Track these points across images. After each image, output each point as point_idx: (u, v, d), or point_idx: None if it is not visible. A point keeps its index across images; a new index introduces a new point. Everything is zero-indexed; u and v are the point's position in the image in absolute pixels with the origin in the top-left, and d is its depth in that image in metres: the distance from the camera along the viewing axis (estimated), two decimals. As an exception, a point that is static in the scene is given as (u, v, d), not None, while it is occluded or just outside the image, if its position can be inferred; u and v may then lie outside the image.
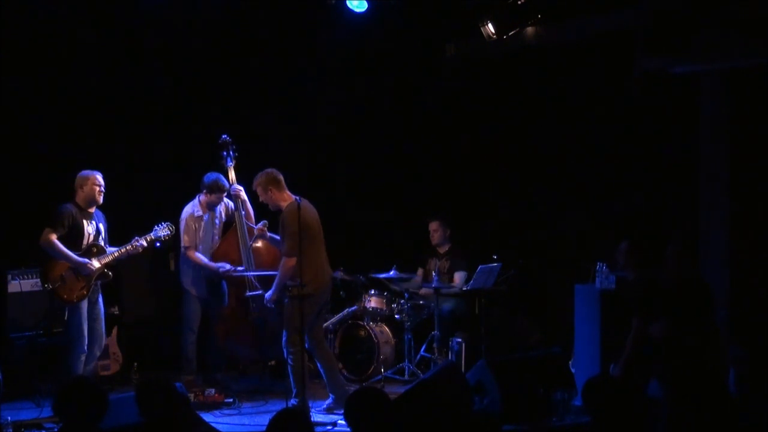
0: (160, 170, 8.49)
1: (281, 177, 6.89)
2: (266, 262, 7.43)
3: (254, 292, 7.45)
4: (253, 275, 7.45)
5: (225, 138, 7.64)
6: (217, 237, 7.68)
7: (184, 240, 7.53)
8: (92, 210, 7.02)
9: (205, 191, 7.53)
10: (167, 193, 8.11)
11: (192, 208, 7.58)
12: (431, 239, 8.61)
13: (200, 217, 7.58)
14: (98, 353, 7.20)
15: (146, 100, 8.41)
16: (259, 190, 6.92)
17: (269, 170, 6.90)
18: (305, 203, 6.80)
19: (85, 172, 6.98)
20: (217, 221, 7.69)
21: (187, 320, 7.62)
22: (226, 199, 7.65)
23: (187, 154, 8.49)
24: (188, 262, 7.58)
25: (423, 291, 8.35)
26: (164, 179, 8.41)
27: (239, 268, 7.46)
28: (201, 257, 7.54)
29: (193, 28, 8.27)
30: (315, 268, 6.78)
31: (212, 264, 7.51)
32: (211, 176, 7.51)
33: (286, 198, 6.83)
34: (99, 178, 6.98)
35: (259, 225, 7.25)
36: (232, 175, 7.63)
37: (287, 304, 6.73)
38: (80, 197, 6.95)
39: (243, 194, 7.56)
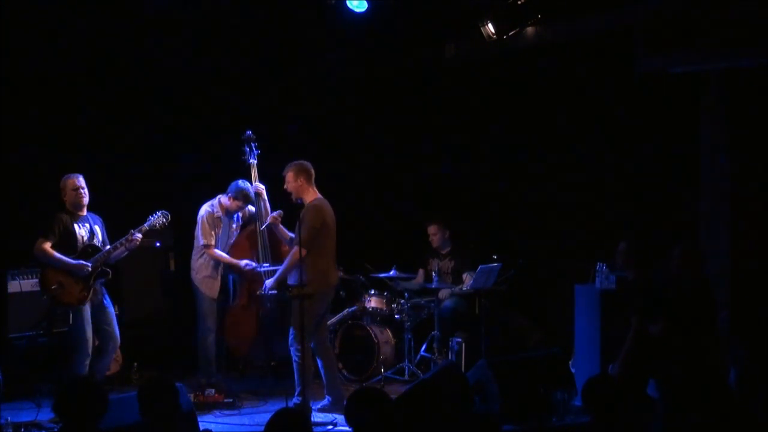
0: (169, 169, 8.50)
1: (313, 172, 6.90)
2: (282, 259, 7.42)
3: (270, 291, 7.42)
4: (272, 272, 7.45)
5: (249, 134, 7.62)
6: (231, 239, 7.67)
7: (206, 239, 7.46)
8: (82, 213, 6.99)
9: (230, 196, 7.48)
10: (183, 193, 8.12)
11: (211, 208, 7.53)
12: (431, 242, 8.60)
13: (219, 218, 7.55)
14: (113, 352, 7.21)
15: (150, 101, 8.42)
16: (289, 176, 6.87)
17: (304, 162, 6.91)
18: (327, 203, 6.84)
19: (66, 177, 6.95)
20: (234, 224, 7.67)
21: (203, 319, 7.56)
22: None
23: (201, 153, 8.50)
24: (202, 260, 7.52)
25: (442, 294, 8.31)
26: (173, 178, 8.42)
27: (264, 265, 7.45)
28: (223, 254, 7.52)
29: (199, 29, 8.26)
30: (325, 267, 6.80)
31: (235, 261, 7.49)
32: (240, 185, 7.45)
33: (312, 193, 6.85)
34: (77, 180, 6.92)
35: (274, 213, 7.23)
36: (254, 172, 7.61)
37: (295, 302, 6.72)
38: (67, 201, 6.94)
39: (264, 194, 7.54)
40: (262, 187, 7.55)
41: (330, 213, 6.88)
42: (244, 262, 7.47)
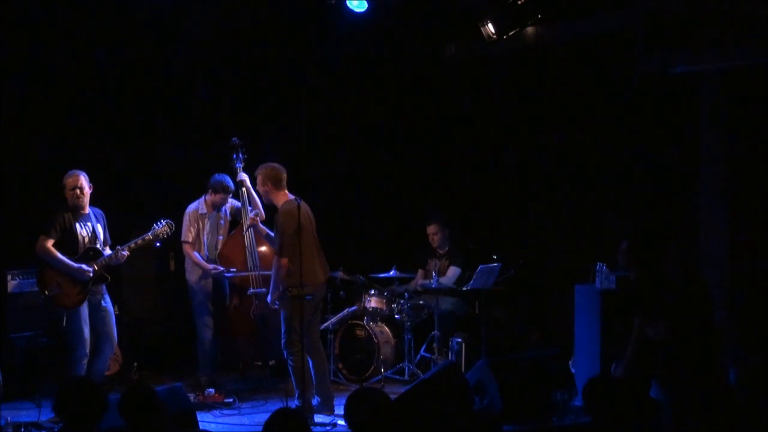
0: (166, 171, 8.50)
1: (283, 176, 6.83)
2: (271, 262, 7.38)
3: (257, 290, 7.46)
4: (257, 274, 7.50)
5: (235, 141, 7.64)
6: (222, 237, 7.70)
7: (184, 234, 7.54)
8: (84, 211, 6.94)
9: (210, 191, 7.56)
10: (173, 195, 8.11)
11: (197, 205, 7.64)
12: (431, 242, 8.60)
13: (204, 215, 7.60)
14: (110, 354, 7.19)
15: (151, 102, 8.41)
16: (258, 180, 6.90)
17: (275, 166, 6.85)
18: (298, 204, 6.70)
19: (67, 174, 6.89)
20: (222, 221, 7.69)
21: (199, 317, 7.60)
22: (231, 199, 7.67)
23: (195, 156, 8.50)
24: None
25: (417, 286, 8.34)
26: (171, 180, 8.42)
27: (232, 270, 7.50)
28: (196, 255, 7.56)
29: (195, 29, 8.26)
30: (312, 266, 6.75)
31: (204, 263, 7.54)
32: (217, 177, 7.54)
33: (282, 197, 6.79)
34: (77, 180, 6.84)
35: (251, 214, 7.26)
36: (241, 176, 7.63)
37: (285, 305, 6.72)
38: (67, 199, 6.90)
39: (248, 182, 7.53)
40: (244, 176, 7.55)
41: (303, 213, 6.69)
42: (211, 265, 7.51)
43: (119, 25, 8.02)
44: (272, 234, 6.97)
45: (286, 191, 6.83)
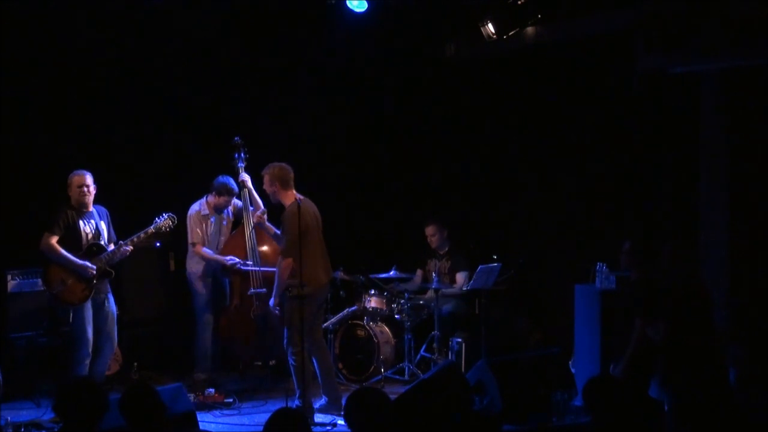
0: (169, 170, 8.51)
1: (291, 176, 6.82)
2: (272, 261, 7.36)
3: (258, 290, 7.47)
4: (259, 271, 7.49)
5: (237, 140, 7.65)
6: (224, 237, 7.71)
7: (192, 236, 7.56)
8: (88, 209, 6.97)
9: (214, 193, 7.56)
10: (176, 194, 8.12)
11: (199, 206, 7.64)
12: (430, 243, 8.59)
13: (206, 216, 7.61)
14: (110, 354, 7.21)
15: (153, 101, 8.41)
16: (265, 180, 6.88)
17: (282, 165, 6.84)
18: (306, 203, 6.76)
19: (73, 173, 6.94)
20: (225, 222, 7.71)
21: (200, 316, 7.64)
22: (234, 199, 7.67)
23: (196, 154, 8.50)
24: (195, 258, 7.61)
25: (428, 295, 8.33)
26: (173, 180, 8.42)
27: (248, 262, 7.49)
28: (208, 251, 7.57)
29: (196, 29, 8.26)
30: (311, 269, 6.76)
31: (220, 257, 7.53)
32: (221, 179, 7.54)
33: (290, 197, 6.78)
34: (84, 178, 6.90)
35: (258, 212, 7.27)
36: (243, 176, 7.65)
37: (287, 304, 6.73)
38: (71, 198, 6.93)
39: (249, 183, 7.54)
40: (246, 177, 7.57)
41: (310, 213, 6.76)
42: (228, 257, 7.51)
43: (120, 25, 8.01)
44: (277, 231, 6.98)
45: (294, 191, 6.83)
